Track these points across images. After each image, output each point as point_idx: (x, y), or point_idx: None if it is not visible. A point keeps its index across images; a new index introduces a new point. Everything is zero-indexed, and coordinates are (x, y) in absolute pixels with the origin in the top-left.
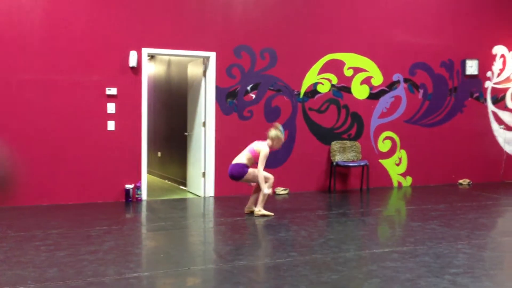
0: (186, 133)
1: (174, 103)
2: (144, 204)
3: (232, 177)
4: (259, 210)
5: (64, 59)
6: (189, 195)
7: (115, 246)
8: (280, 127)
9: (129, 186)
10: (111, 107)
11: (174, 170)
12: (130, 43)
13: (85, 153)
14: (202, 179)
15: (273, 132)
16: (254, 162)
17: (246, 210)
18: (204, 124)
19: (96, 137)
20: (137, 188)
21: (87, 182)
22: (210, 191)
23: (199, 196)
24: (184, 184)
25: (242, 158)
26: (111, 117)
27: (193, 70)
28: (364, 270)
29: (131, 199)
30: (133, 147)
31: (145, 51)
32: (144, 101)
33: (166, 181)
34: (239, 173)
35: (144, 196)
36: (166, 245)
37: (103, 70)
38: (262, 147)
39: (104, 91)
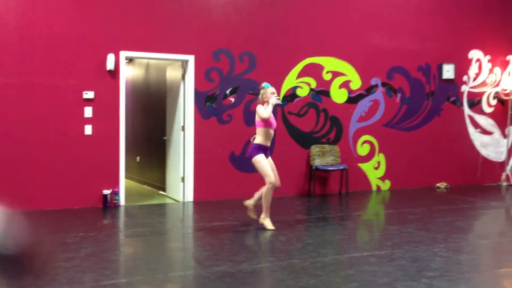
0: (165, 138)
1: (152, 107)
2: (122, 209)
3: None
4: (264, 218)
5: (40, 62)
6: (168, 200)
7: (92, 252)
8: (263, 84)
9: (106, 192)
10: (88, 111)
11: (153, 175)
12: (107, 46)
13: (62, 157)
14: (181, 183)
15: (261, 91)
16: (265, 137)
17: (246, 203)
18: (183, 128)
19: (73, 141)
20: (115, 193)
21: (64, 187)
22: (189, 196)
23: (178, 201)
24: (163, 189)
25: (256, 136)
26: (88, 121)
27: (172, 73)
28: (342, 274)
29: (108, 205)
30: (111, 151)
31: (123, 54)
32: (122, 105)
33: (145, 186)
34: (248, 154)
35: (122, 201)
36: (144, 251)
37: (80, 73)
38: (256, 111)
39: (81, 94)
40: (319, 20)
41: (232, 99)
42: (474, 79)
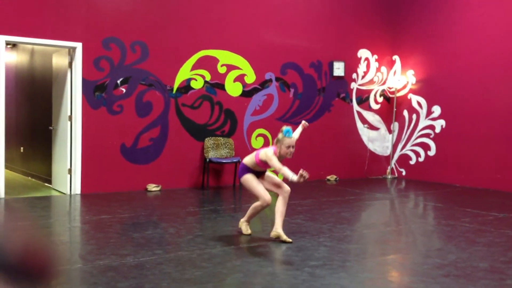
0: (51, 127)
1: (38, 95)
2: (1, 202)
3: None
4: (243, 222)
5: None
6: (54, 193)
7: None
8: (284, 129)
9: None
10: None
11: (38, 166)
12: None
13: None
14: (68, 175)
15: (279, 135)
16: (256, 167)
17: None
18: (70, 118)
19: None
20: None
21: None
22: (77, 188)
23: (64, 193)
24: (49, 181)
25: (248, 158)
26: None
27: (58, 60)
28: (228, 265)
29: None
30: None
31: (3, 38)
32: (1, 92)
33: (29, 178)
34: (239, 173)
35: (1, 194)
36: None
37: None
38: (266, 154)
39: None
40: (213, 13)
41: (123, 89)
42: (363, 77)
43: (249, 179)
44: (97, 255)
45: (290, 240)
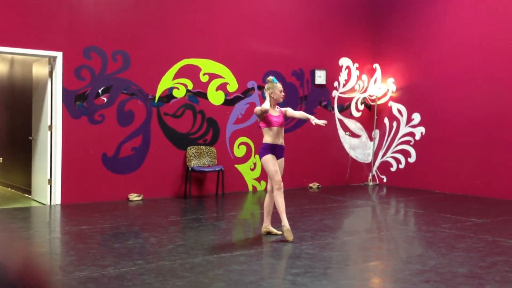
0: (30, 137)
1: (17, 105)
2: None
3: None
4: (265, 226)
5: None
6: (34, 204)
7: None
8: (271, 77)
9: None
10: None
11: (17, 177)
12: None
13: None
14: (48, 186)
15: (268, 85)
16: (268, 133)
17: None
18: (50, 127)
19: None
20: None
21: None
22: (57, 199)
23: (44, 204)
24: (29, 192)
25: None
26: None
27: (38, 70)
28: (210, 275)
29: None
30: None
31: None
32: None
33: (9, 188)
34: (259, 154)
35: None
36: None
37: None
38: (261, 106)
39: None
40: (195, 22)
41: (105, 99)
42: (344, 85)
43: (267, 160)
44: (77, 266)
45: (280, 232)
